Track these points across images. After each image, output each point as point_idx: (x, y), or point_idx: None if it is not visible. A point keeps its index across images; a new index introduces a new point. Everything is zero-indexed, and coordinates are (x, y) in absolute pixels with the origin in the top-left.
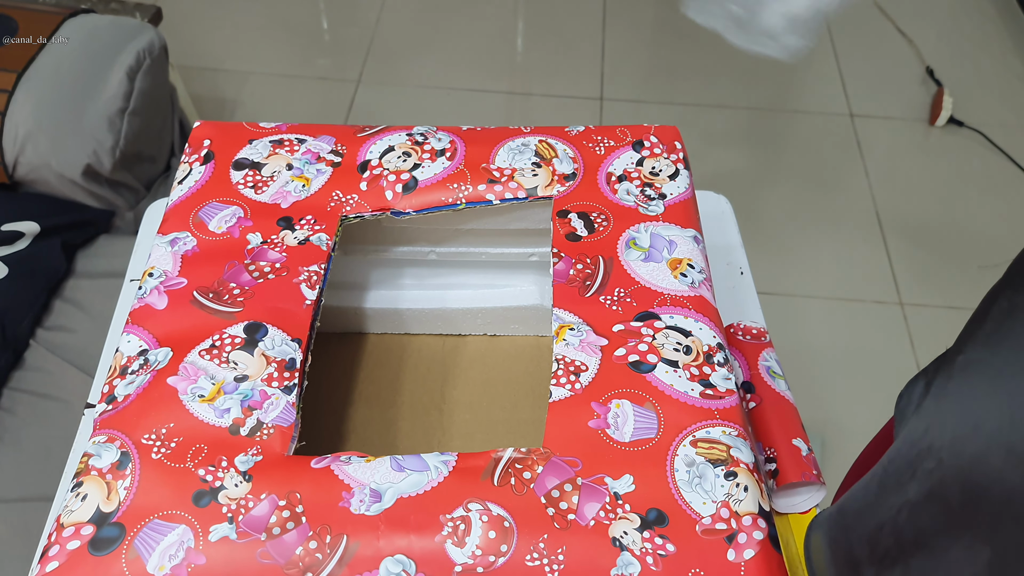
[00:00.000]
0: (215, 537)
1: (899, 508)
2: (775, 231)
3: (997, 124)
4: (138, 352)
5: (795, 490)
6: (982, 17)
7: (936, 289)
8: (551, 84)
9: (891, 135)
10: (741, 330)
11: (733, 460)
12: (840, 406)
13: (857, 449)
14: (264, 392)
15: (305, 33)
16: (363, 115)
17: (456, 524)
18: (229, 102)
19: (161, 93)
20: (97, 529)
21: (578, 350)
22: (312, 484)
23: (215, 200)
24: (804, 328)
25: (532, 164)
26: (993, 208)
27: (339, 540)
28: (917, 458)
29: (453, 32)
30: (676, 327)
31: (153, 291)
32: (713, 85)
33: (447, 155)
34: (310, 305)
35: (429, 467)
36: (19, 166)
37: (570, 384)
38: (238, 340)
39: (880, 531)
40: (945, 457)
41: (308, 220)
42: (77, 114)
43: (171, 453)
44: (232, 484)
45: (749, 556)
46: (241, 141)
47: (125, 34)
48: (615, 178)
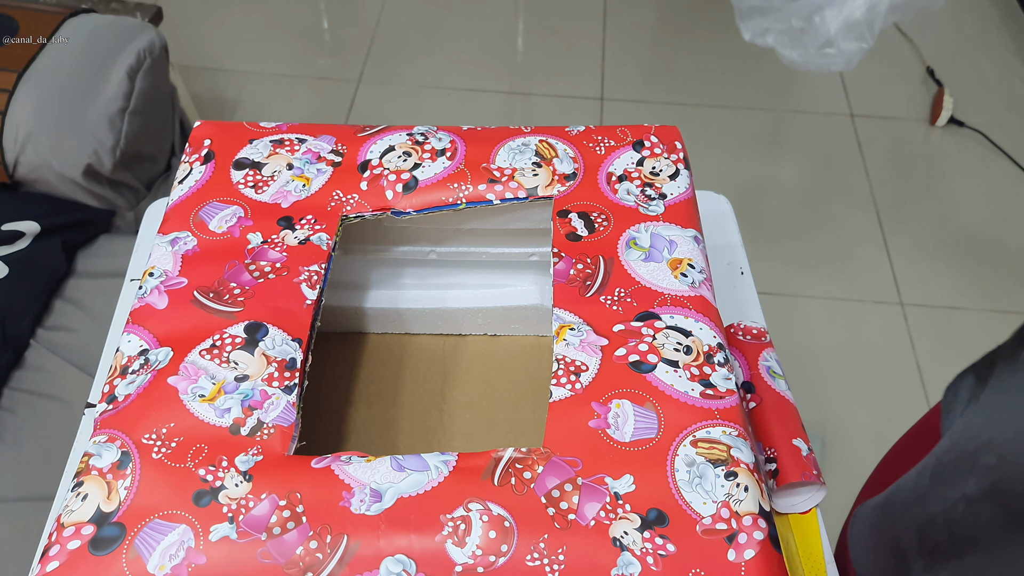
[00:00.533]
0: (215, 537)
1: (955, 502)
2: (776, 231)
3: (998, 124)
4: (138, 352)
5: (795, 490)
6: (983, 17)
7: (937, 289)
8: (551, 84)
9: (892, 135)
10: (741, 330)
11: (733, 460)
12: (840, 406)
13: (857, 449)
14: (265, 392)
15: (306, 33)
16: (363, 115)
17: (456, 524)
18: (230, 102)
19: (162, 93)
20: (97, 529)
21: (578, 350)
22: (312, 484)
23: (215, 200)
24: (804, 328)
25: (532, 164)
26: (994, 208)
27: (339, 540)
28: (976, 452)
29: (453, 32)
30: (676, 327)
31: (153, 291)
32: (714, 85)
33: (447, 155)
34: (311, 305)
35: (429, 467)
36: (19, 166)
37: (570, 384)
38: (238, 340)
39: (931, 523)
40: (1008, 454)
41: (308, 220)
42: (78, 114)
43: (171, 453)
44: (232, 484)
45: (749, 556)
46: (241, 141)
47: (126, 34)
48: (615, 178)
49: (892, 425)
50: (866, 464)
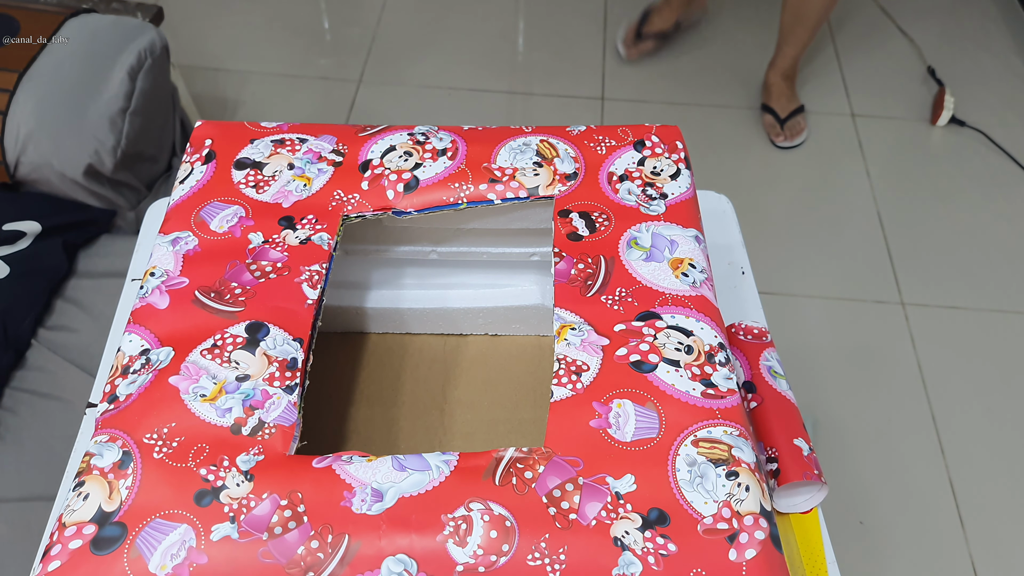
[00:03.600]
0: (217, 536)
1: None
2: (776, 230)
3: (998, 124)
4: (140, 351)
5: (796, 490)
6: (983, 16)
7: (937, 289)
8: (552, 84)
9: (892, 135)
10: (742, 330)
11: (735, 460)
12: (841, 406)
13: (858, 448)
14: (266, 392)
15: (306, 33)
16: (364, 115)
17: (458, 523)
18: (230, 102)
19: (162, 93)
20: (99, 528)
21: (579, 350)
22: (314, 484)
23: (216, 200)
24: (805, 327)
25: (533, 164)
26: (995, 208)
27: (341, 539)
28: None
29: (454, 32)
30: (677, 327)
31: (155, 290)
32: (714, 85)
33: (448, 154)
34: (312, 305)
35: (431, 467)
36: (21, 166)
37: (571, 384)
38: (240, 340)
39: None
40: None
41: (309, 220)
42: (78, 114)
43: (173, 453)
44: (234, 484)
45: (751, 556)
46: (242, 141)
47: (126, 34)
48: (616, 178)
49: (892, 425)
50: (866, 464)
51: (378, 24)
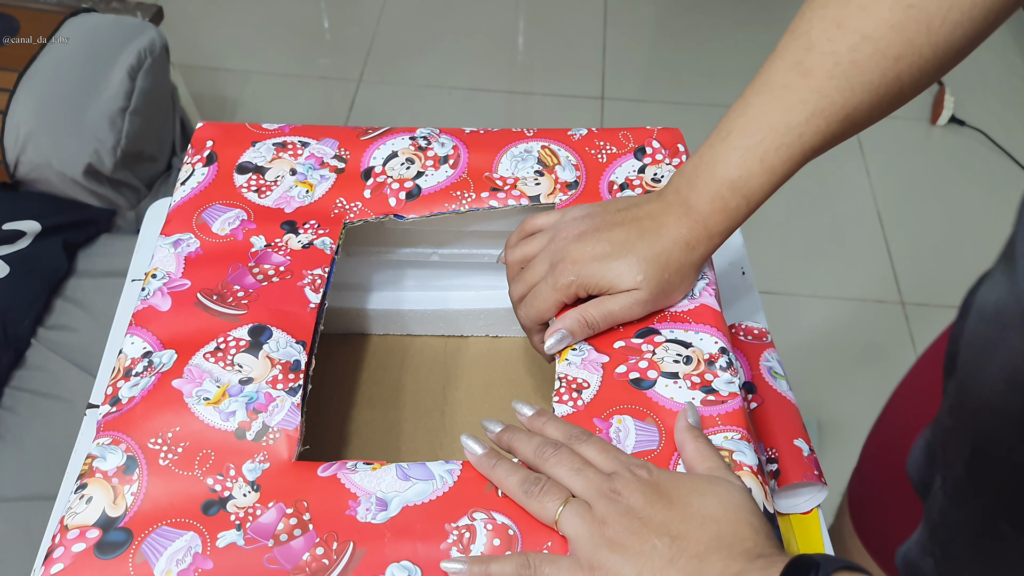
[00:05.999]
0: (223, 543)
1: None
2: (776, 230)
3: (998, 123)
4: (142, 354)
5: (797, 490)
6: None
7: (938, 288)
8: (552, 83)
9: (892, 134)
10: (743, 331)
11: (736, 464)
12: (841, 405)
13: (858, 448)
14: (269, 394)
15: (306, 32)
16: (364, 114)
17: (461, 532)
18: (230, 101)
19: (162, 92)
20: (103, 533)
21: (580, 368)
22: (319, 493)
23: (218, 202)
24: (805, 327)
25: (535, 172)
26: (994, 207)
27: (346, 546)
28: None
29: (454, 31)
30: (676, 340)
31: (156, 292)
32: (714, 85)
33: (450, 162)
34: (314, 308)
35: (434, 476)
36: (20, 165)
37: (572, 401)
38: (242, 343)
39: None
40: None
41: (312, 224)
42: (78, 113)
43: (178, 459)
44: (241, 494)
45: None
46: (244, 143)
47: (126, 33)
48: (617, 186)
49: None
50: None
51: (378, 24)
